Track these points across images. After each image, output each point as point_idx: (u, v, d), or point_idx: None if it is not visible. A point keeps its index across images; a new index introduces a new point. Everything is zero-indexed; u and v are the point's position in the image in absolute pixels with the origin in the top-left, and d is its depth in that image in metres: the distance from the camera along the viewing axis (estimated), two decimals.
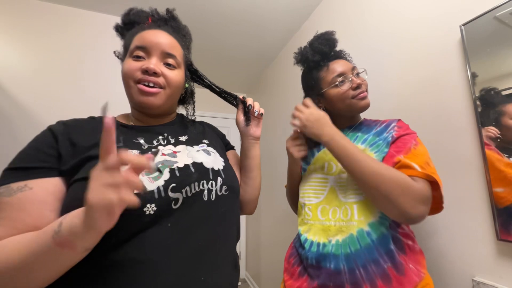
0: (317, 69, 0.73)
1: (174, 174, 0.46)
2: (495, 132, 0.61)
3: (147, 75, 0.51)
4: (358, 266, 0.54)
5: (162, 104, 0.54)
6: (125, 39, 0.58)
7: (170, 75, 0.53)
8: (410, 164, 0.53)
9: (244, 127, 0.67)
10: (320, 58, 0.72)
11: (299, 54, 0.77)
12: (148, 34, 0.53)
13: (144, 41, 0.52)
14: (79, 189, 0.39)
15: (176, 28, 0.62)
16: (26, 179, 0.40)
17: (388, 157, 0.58)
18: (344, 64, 0.70)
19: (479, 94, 0.65)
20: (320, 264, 0.59)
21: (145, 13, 0.60)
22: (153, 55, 0.52)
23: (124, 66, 0.53)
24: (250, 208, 0.71)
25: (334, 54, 0.74)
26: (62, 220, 0.33)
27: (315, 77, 0.73)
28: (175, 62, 0.55)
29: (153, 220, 0.41)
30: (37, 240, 0.33)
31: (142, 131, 0.55)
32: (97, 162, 0.40)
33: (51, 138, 0.45)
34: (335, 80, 0.68)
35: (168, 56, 0.54)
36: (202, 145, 0.59)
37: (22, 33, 1.35)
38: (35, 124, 1.31)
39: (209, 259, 0.45)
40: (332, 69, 0.69)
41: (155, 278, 0.39)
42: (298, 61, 0.78)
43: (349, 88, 0.67)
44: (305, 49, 0.75)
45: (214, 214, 0.49)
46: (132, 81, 0.51)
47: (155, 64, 0.51)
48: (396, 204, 0.51)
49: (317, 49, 0.72)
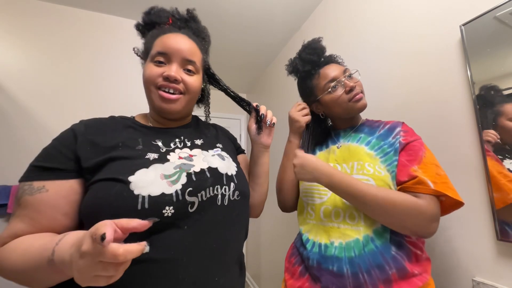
0: (309, 78, 0.74)
1: (191, 178, 0.47)
2: (494, 136, 0.61)
3: (168, 82, 0.52)
4: (362, 271, 0.54)
5: (181, 109, 0.56)
6: (146, 40, 0.59)
7: (189, 81, 0.55)
8: (425, 181, 0.53)
9: (255, 135, 0.67)
10: (310, 67, 0.73)
11: (290, 66, 0.78)
12: (169, 39, 0.54)
13: (165, 47, 0.53)
14: (102, 190, 0.42)
15: (196, 31, 0.62)
16: (45, 179, 0.43)
17: (402, 167, 0.57)
18: (335, 68, 0.70)
19: (479, 93, 0.65)
20: (322, 266, 0.59)
21: (165, 12, 0.61)
22: (173, 61, 0.53)
23: (145, 71, 0.54)
24: (257, 212, 0.72)
25: (324, 60, 0.74)
26: (55, 248, 0.35)
27: (308, 86, 0.74)
28: (195, 68, 0.56)
29: (171, 222, 0.43)
30: (37, 257, 0.36)
31: (160, 132, 0.56)
32: (119, 164, 0.45)
33: (72, 138, 0.47)
34: (327, 86, 0.69)
35: (188, 63, 0.55)
36: (216, 149, 0.60)
37: (23, 33, 1.35)
38: (35, 124, 1.31)
39: (221, 260, 0.47)
40: (323, 75, 0.70)
41: (173, 277, 0.41)
42: (290, 72, 0.80)
43: (343, 92, 0.67)
44: (295, 60, 0.76)
45: (227, 218, 0.50)
46: (154, 87, 0.53)
47: (175, 72, 0.52)
48: (409, 228, 0.53)
49: (306, 59, 0.73)
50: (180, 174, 0.47)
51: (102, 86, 1.47)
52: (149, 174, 0.44)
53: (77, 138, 0.47)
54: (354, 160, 0.65)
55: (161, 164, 0.47)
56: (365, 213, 0.58)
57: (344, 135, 0.74)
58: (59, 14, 1.43)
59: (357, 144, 0.68)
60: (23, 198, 0.42)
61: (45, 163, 0.44)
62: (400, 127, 0.65)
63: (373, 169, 0.60)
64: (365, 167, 0.61)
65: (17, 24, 1.34)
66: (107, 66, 1.49)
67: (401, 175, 0.56)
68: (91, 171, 0.44)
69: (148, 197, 0.41)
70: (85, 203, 0.43)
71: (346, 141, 0.71)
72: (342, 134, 0.75)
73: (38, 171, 0.43)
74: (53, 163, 0.44)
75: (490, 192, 0.61)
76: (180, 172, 0.47)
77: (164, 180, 0.44)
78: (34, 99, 1.33)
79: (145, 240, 0.39)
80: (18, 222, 0.42)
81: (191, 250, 0.43)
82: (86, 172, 0.45)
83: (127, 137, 0.51)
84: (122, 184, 0.42)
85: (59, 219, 0.43)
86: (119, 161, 0.45)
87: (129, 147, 0.48)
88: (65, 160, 0.44)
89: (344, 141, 0.72)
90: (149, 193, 0.41)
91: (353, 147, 0.67)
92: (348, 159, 0.67)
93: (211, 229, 0.47)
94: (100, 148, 0.46)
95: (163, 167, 0.46)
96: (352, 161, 0.65)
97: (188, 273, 0.42)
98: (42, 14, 1.39)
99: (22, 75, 1.32)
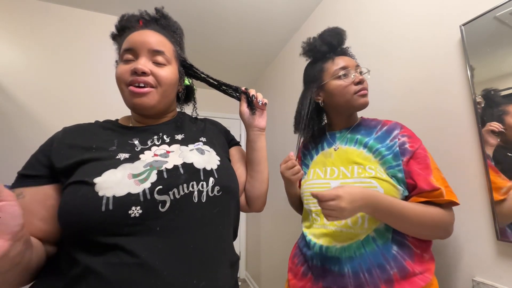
0: (322, 61, 0.73)
1: (161, 176, 0.45)
2: (498, 126, 0.60)
3: (136, 76, 0.51)
4: (363, 270, 0.54)
5: (156, 104, 0.54)
6: (118, 45, 0.58)
7: (160, 73, 0.53)
8: (443, 192, 0.55)
9: (249, 117, 0.66)
10: (327, 50, 0.72)
11: (307, 44, 0.76)
12: (134, 35, 0.54)
13: (131, 43, 0.53)
14: (70, 193, 0.42)
15: (166, 26, 0.62)
16: (23, 186, 0.45)
17: (417, 176, 0.57)
18: (349, 60, 0.70)
19: (481, 93, 0.64)
20: (325, 266, 0.59)
21: (135, 16, 0.61)
22: (141, 55, 0.52)
23: (116, 72, 0.53)
24: (259, 204, 0.68)
25: (341, 50, 0.73)
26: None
27: (318, 68, 0.73)
28: (165, 58, 0.54)
29: (140, 223, 0.41)
30: None
31: (139, 131, 0.55)
32: (90, 166, 0.44)
33: (49, 145, 0.49)
34: (338, 72, 0.68)
35: (156, 53, 0.53)
36: (197, 143, 0.57)
37: (23, 33, 1.34)
38: (35, 125, 1.31)
39: (201, 261, 0.44)
40: (336, 62, 0.70)
41: (145, 283, 0.38)
42: (305, 51, 0.77)
43: (351, 83, 0.67)
44: (314, 40, 0.74)
45: (206, 216, 0.47)
46: (124, 85, 0.52)
47: (142, 64, 0.51)
48: (436, 236, 0.58)
49: (326, 40, 0.71)
50: (150, 172, 0.45)
51: (102, 86, 1.47)
52: (116, 174, 0.43)
53: (53, 144, 0.48)
54: (353, 164, 0.64)
55: (130, 164, 0.45)
56: (397, 228, 0.56)
57: (340, 136, 0.73)
58: (61, 14, 1.43)
59: (354, 148, 0.67)
60: None
61: (25, 170, 0.46)
62: (398, 130, 0.63)
63: (374, 171, 0.60)
64: (366, 170, 0.61)
65: (18, 24, 1.34)
66: (107, 65, 1.49)
67: (422, 184, 0.56)
68: (64, 174, 0.45)
69: (112, 197, 0.40)
70: (58, 207, 0.43)
71: (343, 143, 0.71)
72: (338, 136, 0.74)
73: (20, 178, 0.46)
74: (30, 170, 0.46)
75: (490, 192, 0.61)
76: (150, 170, 0.45)
77: (132, 179, 0.43)
78: (34, 99, 1.33)
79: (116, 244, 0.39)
80: None
81: (164, 252, 0.41)
82: (61, 176, 0.45)
83: (103, 139, 0.50)
84: (87, 186, 0.41)
85: (35, 223, 0.43)
86: (90, 163, 0.45)
87: (102, 148, 0.48)
88: (40, 167, 0.46)
89: (341, 143, 0.71)
90: (114, 194, 0.40)
91: (351, 151, 0.67)
92: (346, 163, 0.66)
93: (188, 229, 0.44)
94: (75, 151, 0.47)
95: (131, 166, 0.45)
96: (352, 165, 0.64)
97: (161, 277, 0.39)
98: (43, 14, 1.39)
99: (23, 75, 1.32)
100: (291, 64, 1.81)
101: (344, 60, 0.69)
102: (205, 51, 1.98)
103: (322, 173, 0.69)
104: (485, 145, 0.63)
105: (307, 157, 0.80)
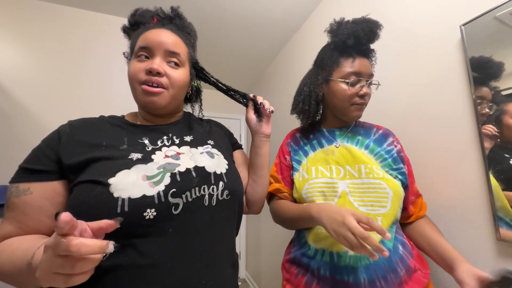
0: (341, 52, 0.67)
1: (175, 179, 0.46)
2: (492, 130, 0.61)
3: (151, 75, 0.51)
4: (379, 277, 0.52)
5: (166, 104, 0.54)
6: (131, 40, 0.58)
7: (173, 75, 0.53)
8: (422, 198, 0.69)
9: (255, 124, 0.67)
10: (352, 43, 0.64)
11: (337, 26, 0.68)
12: (151, 34, 0.53)
13: (147, 41, 0.52)
14: (83, 192, 0.41)
15: (181, 26, 0.62)
16: (30, 181, 0.43)
17: (411, 184, 0.66)
18: (366, 66, 0.65)
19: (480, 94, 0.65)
20: (335, 277, 0.55)
21: (150, 12, 0.60)
22: (156, 54, 0.52)
23: (129, 68, 0.53)
24: (258, 207, 0.70)
25: (366, 49, 0.68)
26: (36, 251, 0.35)
27: (333, 60, 0.67)
28: (179, 60, 0.55)
29: (154, 225, 0.41)
30: (20, 260, 0.36)
31: (148, 130, 0.55)
32: (101, 165, 0.43)
33: (56, 139, 0.47)
34: (348, 76, 0.64)
35: (172, 55, 0.53)
36: (206, 146, 0.58)
37: (24, 34, 1.34)
38: (35, 125, 1.31)
39: (209, 262, 0.45)
40: (353, 63, 0.64)
41: (157, 283, 0.40)
42: (331, 30, 0.69)
43: (355, 93, 0.65)
44: (346, 25, 0.66)
45: (215, 219, 0.48)
46: (137, 83, 0.52)
47: (158, 64, 0.51)
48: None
49: (356, 32, 0.63)
50: (164, 174, 0.45)
51: (103, 87, 1.47)
52: (130, 175, 0.43)
53: (61, 139, 0.46)
54: (359, 163, 0.63)
55: (143, 165, 0.45)
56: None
57: (341, 134, 0.72)
58: (61, 14, 1.43)
59: (357, 148, 0.67)
60: (10, 200, 0.42)
61: (30, 165, 0.44)
62: (393, 138, 0.68)
63: (382, 173, 0.60)
64: (373, 171, 0.60)
65: (19, 24, 1.33)
66: (107, 64, 1.49)
67: (412, 190, 0.66)
68: (73, 171, 0.44)
69: (128, 199, 0.40)
70: (68, 205, 0.42)
71: (344, 141, 0.70)
72: (338, 134, 0.72)
73: (24, 173, 0.44)
74: (37, 165, 0.44)
75: (490, 192, 0.61)
76: (164, 173, 0.45)
77: (146, 181, 0.43)
78: (35, 99, 1.33)
79: (130, 245, 0.39)
80: (7, 224, 0.42)
81: (176, 253, 0.42)
82: (69, 172, 0.44)
83: (112, 137, 0.50)
84: (102, 187, 0.40)
85: (44, 221, 0.43)
86: (101, 162, 0.44)
87: (113, 147, 0.48)
88: (48, 162, 0.44)
89: (343, 141, 0.70)
90: (129, 196, 0.40)
91: (354, 150, 0.66)
92: (352, 162, 0.64)
93: (198, 231, 0.45)
94: (84, 148, 0.46)
95: (145, 168, 0.45)
96: (358, 164, 0.63)
97: (173, 277, 0.41)
98: (44, 14, 1.39)
99: (23, 75, 1.32)
100: (291, 64, 1.81)
101: (362, 65, 0.65)
102: (204, 51, 1.98)
103: (328, 172, 0.66)
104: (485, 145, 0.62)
105: (298, 152, 0.75)
